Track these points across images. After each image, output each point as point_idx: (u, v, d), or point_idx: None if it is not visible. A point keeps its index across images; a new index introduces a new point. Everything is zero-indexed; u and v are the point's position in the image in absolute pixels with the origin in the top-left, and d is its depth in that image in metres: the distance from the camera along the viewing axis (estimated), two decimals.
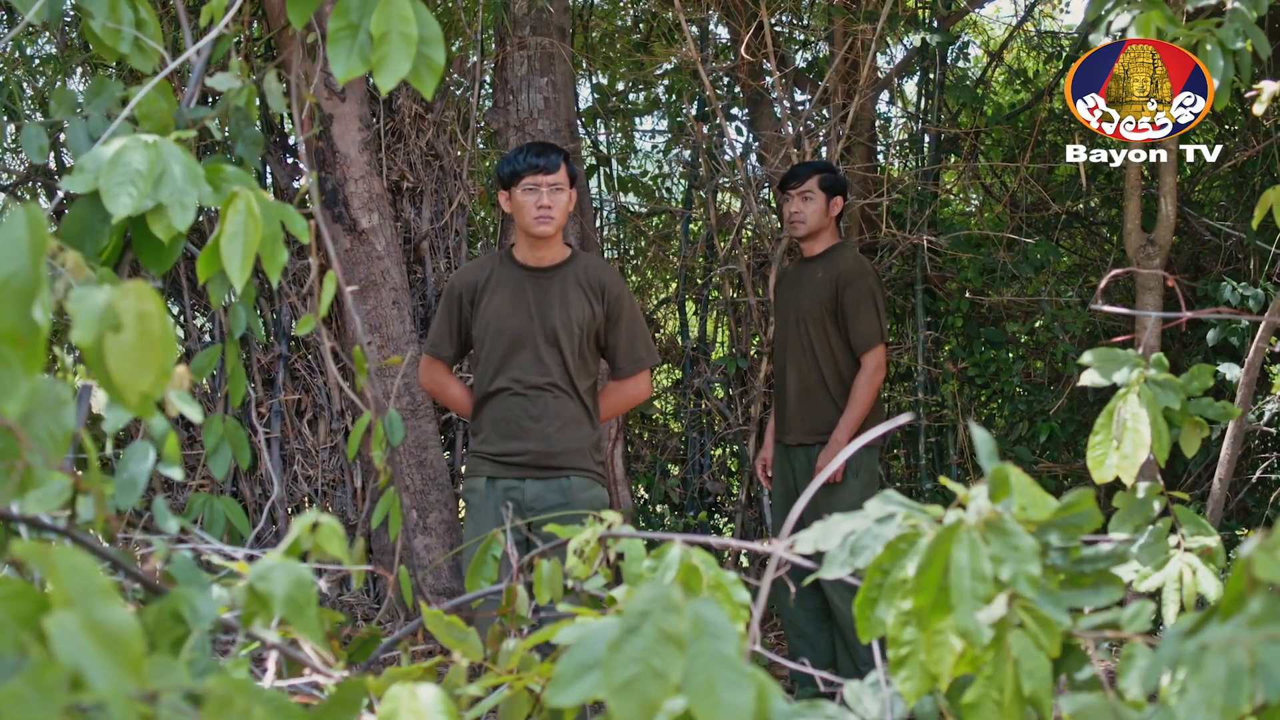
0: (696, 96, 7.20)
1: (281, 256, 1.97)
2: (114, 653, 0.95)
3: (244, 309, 2.21)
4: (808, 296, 5.54)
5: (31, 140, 2.17)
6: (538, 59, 6.38)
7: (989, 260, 6.90)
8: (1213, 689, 1.05)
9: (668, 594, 1.21)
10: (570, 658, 1.23)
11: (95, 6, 2.25)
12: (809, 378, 5.53)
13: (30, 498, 1.33)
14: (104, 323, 1.27)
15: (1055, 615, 1.53)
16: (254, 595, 1.31)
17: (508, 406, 4.47)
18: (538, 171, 4.44)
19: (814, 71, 7.52)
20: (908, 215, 6.95)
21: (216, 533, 2.22)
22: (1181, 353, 6.83)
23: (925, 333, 6.91)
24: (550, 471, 4.45)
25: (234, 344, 2.22)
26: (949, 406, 7.04)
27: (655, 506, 7.35)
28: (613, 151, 8.15)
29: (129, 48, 2.26)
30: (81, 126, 2.14)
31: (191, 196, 1.90)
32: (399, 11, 1.98)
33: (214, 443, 2.21)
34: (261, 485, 6.20)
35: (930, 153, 7.27)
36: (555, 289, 4.52)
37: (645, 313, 7.67)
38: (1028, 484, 1.75)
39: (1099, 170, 7.21)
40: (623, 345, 4.60)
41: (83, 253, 2.14)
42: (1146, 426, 2.41)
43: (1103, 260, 7.22)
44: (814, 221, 5.54)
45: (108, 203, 1.85)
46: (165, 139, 1.90)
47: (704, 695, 1.20)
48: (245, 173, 2.24)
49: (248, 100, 2.28)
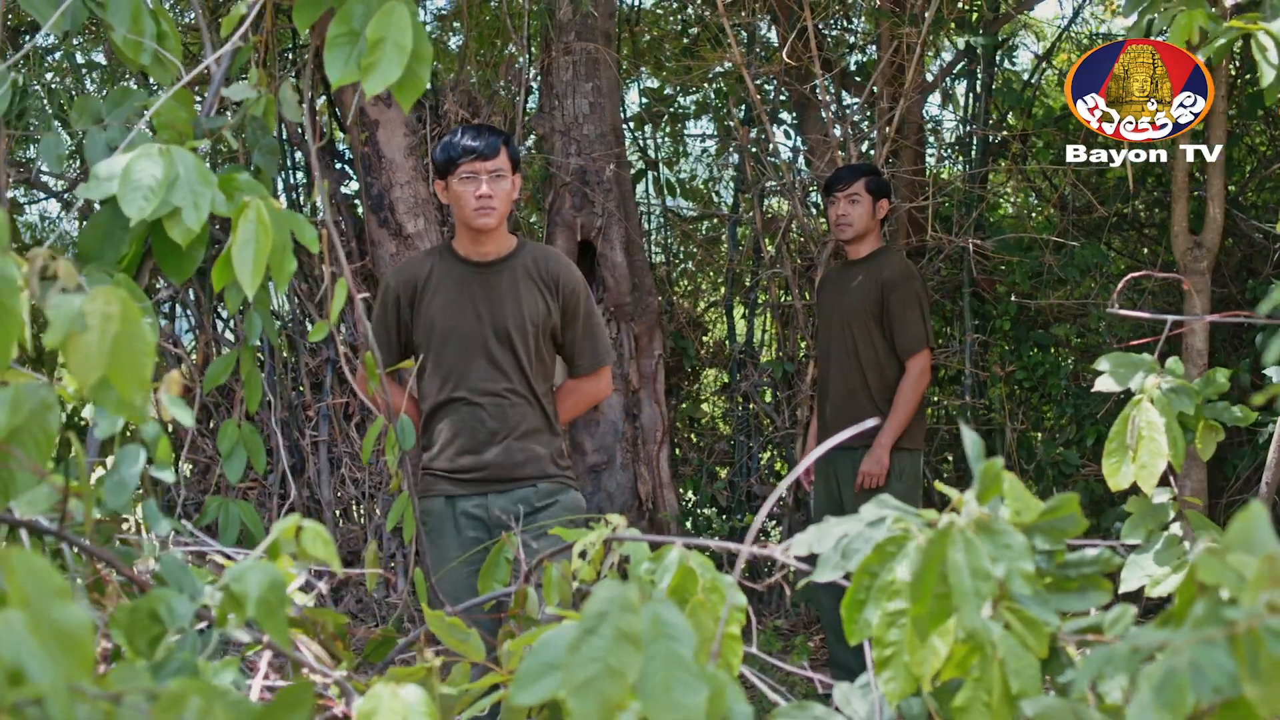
0: (743, 101, 7.21)
1: (290, 265, 2.01)
2: (64, 650, 0.98)
3: (259, 316, 2.25)
4: (853, 299, 5.52)
5: (50, 150, 2.22)
6: (583, 64, 6.42)
7: (1036, 263, 6.87)
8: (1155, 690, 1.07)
9: (625, 595, 1.23)
10: (534, 658, 1.26)
11: (117, 19, 2.30)
12: (852, 380, 5.51)
13: (20, 501, 1.37)
14: (73, 324, 1.31)
15: (1043, 616, 1.54)
16: (229, 596, 1.35)
17: (462, 418, 4.03)
18: (475, 157, 3.99)
19: (862, 75, 7.51)
20: (955, 218, 6.93)
21: (230, 536, 2.27)
22: (1231, 356, 6.77)
23: (973, 336, 6.89)
24: (514, 483, 4.02)
25: (249, 351, 2.26)
26: (997, 410, 7.02)
27: (702, 510, 7.36)
28: (661, 156, 8.17)
29: (149, 59, 2.31)
30: (100, 136, 2.19)
31: (205, 198, 1.94)
32: (397, 20, 2.02)
33: (229, 447, 2.26)
34: (310, 488, 6.27)
35: (978, 155, 7.24)
36: (504, 284, 4.08)
37: (694, 316, 7.68)
38: (1020, 489, 1.76)
39: (1149, 173, 7.16)
40: (581, 342, 4.19)
41: (103, 260, 2.19)
42: (1163, 435, 2.41)
43: (1152, 263, 7.17)
44: (861, 224, 5.52)
45: (124, 207, 1.90)
46: (178, 147, 1.94)
47: (658, 696, 1.22)
48: (263, 182, 2.29)
49: (265, 110, 2.33)
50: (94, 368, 1.36)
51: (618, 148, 6.52)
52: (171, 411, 1.59)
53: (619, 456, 6.48)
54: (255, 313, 2.26)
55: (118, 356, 1.37)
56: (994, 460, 1.53)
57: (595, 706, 1.21)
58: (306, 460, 6.23)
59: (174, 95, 2.21)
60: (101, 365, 1.36)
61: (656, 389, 6.64)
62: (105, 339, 1.30)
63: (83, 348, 1.35)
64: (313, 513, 6.30)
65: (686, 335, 7.40)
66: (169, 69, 2.32)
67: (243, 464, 2.27)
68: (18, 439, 1.36)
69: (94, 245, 2.17)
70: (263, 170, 2.32)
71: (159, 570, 1.40)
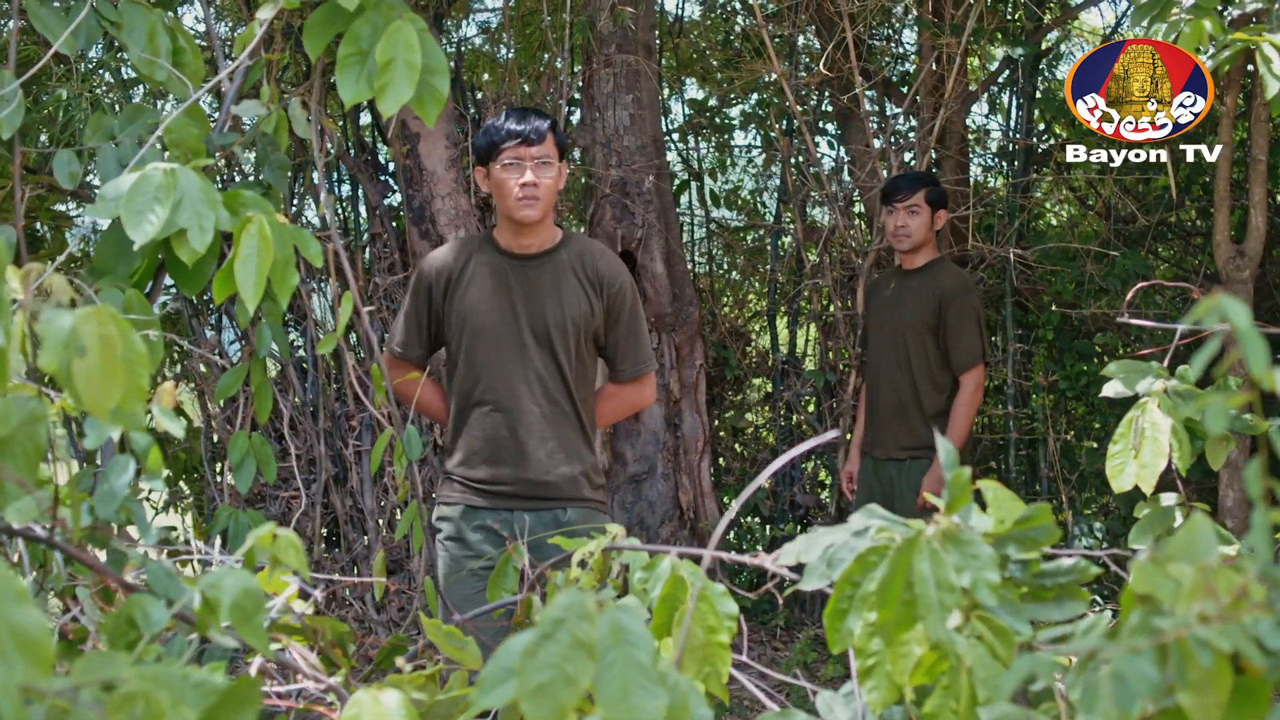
0: (785, 112, 7.23)
1: (292, 279, 2.05)
2: (22, 651, 1.02)
3: (270, 328, 2.30)
4: (908, 310, 5.52)
5: (62, 166, 2.27)
6: (623, 76, 6.46)
7: (1078, 273, 6.85)
8: (1078, 700, 1.08)
9: (582, 602, 1.26)
10: (495, 663, 1.28)
11: (132, 38, 2.35)
12: (904, 392, 5.51)
13: (11, 510, 1.42)
14: (69, 348, 1.35)
15: (1014, 625, 1.55)
16: (205, 602, 1.39)
17: (490, 424, 3.75)
18: (520, 142, 3.70)
19: (905, 85, 7.51)
20: (997, 228, 6.92)
21: (237, 545, 2.30)
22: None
23: (1016, 345, 6.86)
24: (543, 503, 3.75)
25: (259, 363, 2.30)
26: (1039, 419, 6.99)
27: (745, 519, 7.37)
28: (705, 166, 8.20)
29: (164, 76, 2.36)
30: (112, 153, 2.23)
31: (209, 219, 1.98)
32: (404, 40, 2.06)
33: (238, 458, 2.30)
34: (353, 497, 6.33)
35: (1020, 165, 7.22)
36: (545, 279, 3.78)
37: (735, 326, 7.70)
38: (1007, 498, 1.77)
39: (1194, 181, 7.12)
40: (625, 344, 3.89)
41: (116, 275, 2.24)
42: (1166, 436, 2.42)
43: (1196, 272, 7.13)
44: (919, 235, 5.52)
45: (129, 229, 1.94)
46: (183, 166, 1.99)
47: (617, 701, 1.25)
48: (272, 198, 2.33)
49: (276, 126, 2.37)
50: (100, 391, 1.40)
51: (658, 159, 6.55)
52: (163, 424, 1.63)
53: (660, 466, 6.50)
54: (265, 325, 2.30)
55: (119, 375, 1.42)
56: (962, 470, 1.55)
57: (548, 712, 1.23)
58: (350, 470, 6.29)
59: (186, 112, 2.26)
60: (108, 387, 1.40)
61: (698, 399, 6.66)
62: (112, 362, 1.34)
63: (85, 371, 1.39)
64: (356, 522, 6.35)
65: (729, 345, 7.42)
66: (184, 85, 2.37)
67: (251, 474, 2.31)
68: (7, 450, 1.40)
69: (107, 260, 2.22)
70: (273, 186, 2.37)
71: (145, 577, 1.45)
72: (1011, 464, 6.91)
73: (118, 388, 1.38)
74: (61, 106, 5.04)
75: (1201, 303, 1.10)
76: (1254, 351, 1.03)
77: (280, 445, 6.25)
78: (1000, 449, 7.10)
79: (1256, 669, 1.07)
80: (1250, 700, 1.08)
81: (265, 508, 6.16)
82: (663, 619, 1.87)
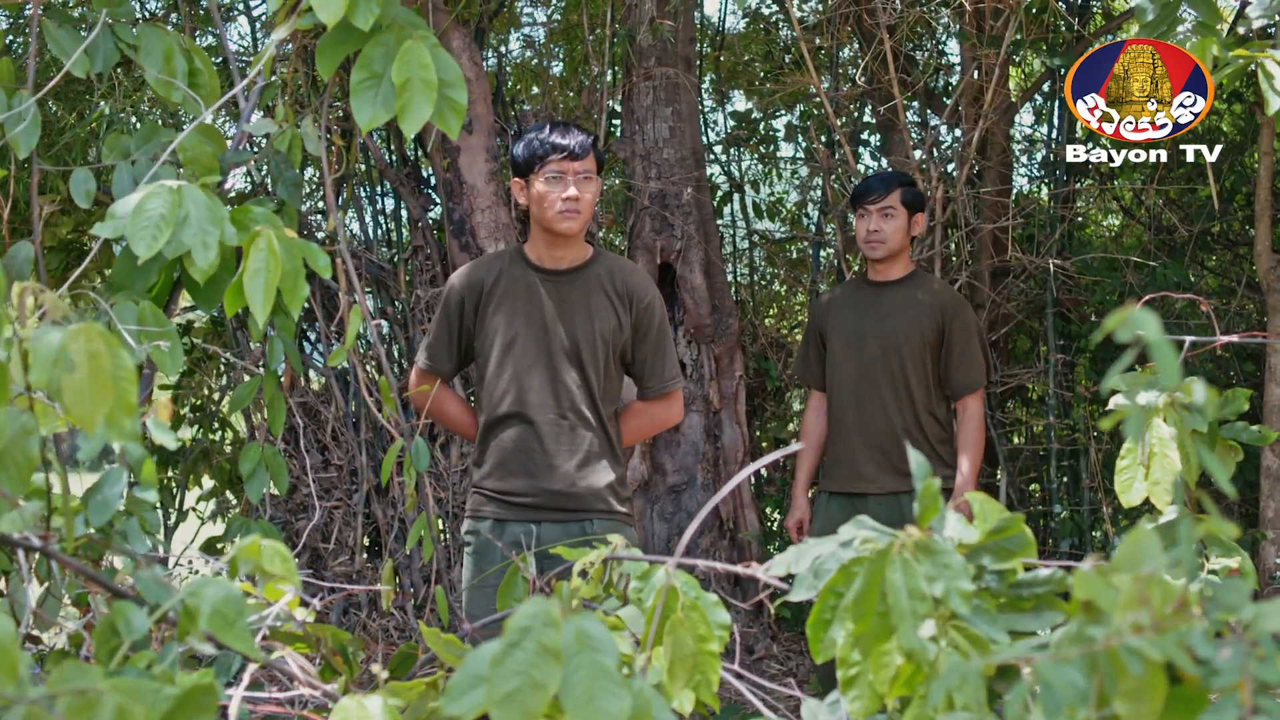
0: (825, 124, 7.24)
1: (302, 292, 2.10)
2: None
3: (282, 341, 2.34)
4: (902, 326, 4.89)
5: (79, 184, 2.33)
6: (663, 89, 6.50)
7: (1120, 283, 6.82)
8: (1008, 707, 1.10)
9: (548, 610, 1.29)
10: (464, 671, 1.32)
11: (149, 60, 2.40)
12: (904, 417, 4.89)
13: (4, 520, 1.47)
14: (58, 364, 1.40)
15: (990, 634, 1.57)
16: (185, 610, 1.43)
17: (518, 437, 3.79)
18: (565, 156, 3.72)
19: (946, 96, 7.52)
20: (1038, 238, 6.90)
21: None
22: None
23: (1057, 356, 6.84)
24: (568, 514, 3.78)
25: (272, 375, 2.35)
26: (1081, 430, 6.96)
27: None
28: (747, 179, 8.23)
29: (180, 97, 2.42)
30: (127, 171, 2.29)
31: (214, 236, 2.03)
32: (418, 59, 2.10)
33: (249, 468, 2.35)
34: (394, 507, 6.39)
35: (1062, 175, 7.20)
36: (576, 295, 3.82)
37: (775, 337, 7.71)
38: (993, 508, 1.79)
39: (1237, 190, 7.09)
40: (652, 361, 3.91)
41: (133, 290, 2.29)
42: (1175, 450, 2.42)
43: (1240, 281, 7.09)
44: (895, 242, 4.90)
45: (134, 246, 1.99)
46: (190, 184, 2.04)
47: (583, 704, 1.29)
48: (287, 214, 2.38)
49: (290, 144, 2.42)
50: (88, 405, 1.45)
51: (697, 171, 6.59)
52: (156, 436, 1.68)
53: (699, 477, 6.53)
54: (277, 338, 2.35)
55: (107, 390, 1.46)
56: (931, 481, 1.57)
57: (518, 717, 1.27)
58: (391, 481, 6.35)
59: (202, 131, 2.31)
60: (96, 402, 1.45)
61: (737, 410, 6.68)
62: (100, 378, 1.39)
63: (73, 386, 1.44)
64: (398, 532, 6.42)
65: (770, 356, 7.43)
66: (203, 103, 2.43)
67: (264, 484, 2.36)
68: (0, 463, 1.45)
69: (125, 275, 2.27)
70: (286, 202, 2.41)
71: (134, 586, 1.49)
72: (1053, 474, 6.89)
73: (105, 402, 1.43)
74: (105, 122, 5.13)
75: (1116, 315, 1.12)
76: (1164, 362, 1.05)
77: (323, 455, 6.32)
78: (1042, 459, 7.08)
79: (1193, 678, 1.09)
80: (1187, 708, 1.10)
81: (307, 517, 6.23)
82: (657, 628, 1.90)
